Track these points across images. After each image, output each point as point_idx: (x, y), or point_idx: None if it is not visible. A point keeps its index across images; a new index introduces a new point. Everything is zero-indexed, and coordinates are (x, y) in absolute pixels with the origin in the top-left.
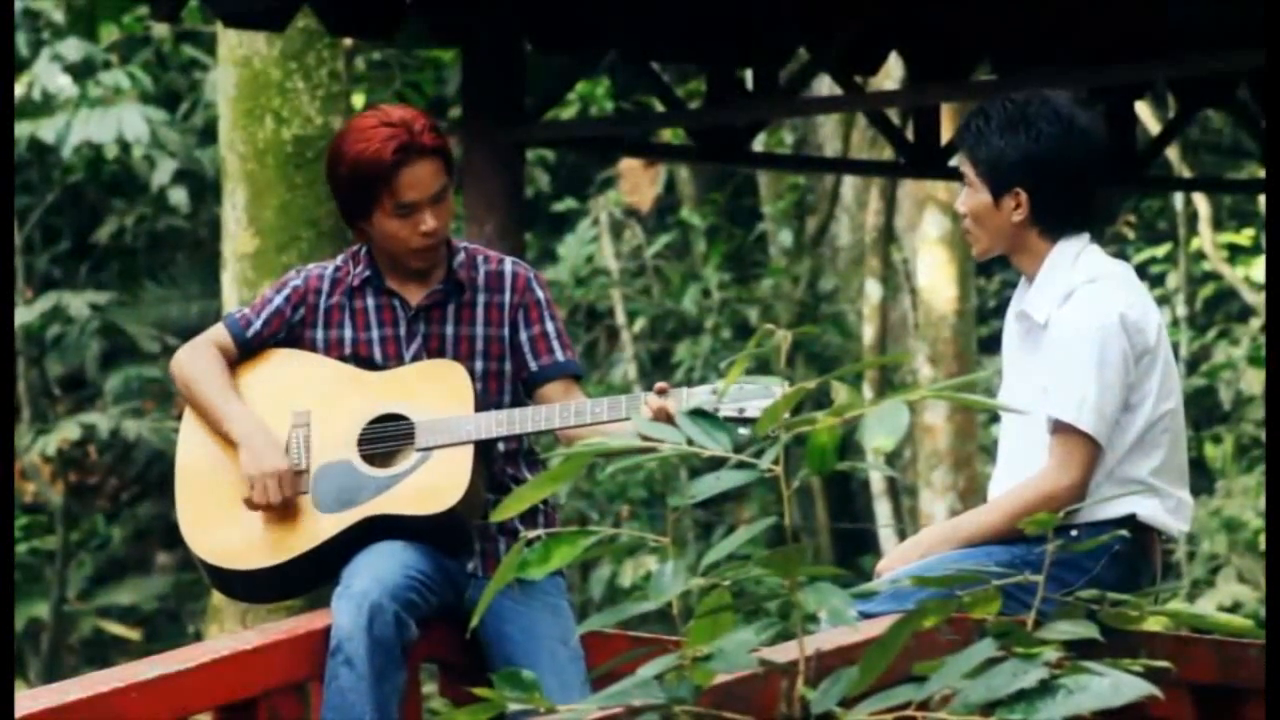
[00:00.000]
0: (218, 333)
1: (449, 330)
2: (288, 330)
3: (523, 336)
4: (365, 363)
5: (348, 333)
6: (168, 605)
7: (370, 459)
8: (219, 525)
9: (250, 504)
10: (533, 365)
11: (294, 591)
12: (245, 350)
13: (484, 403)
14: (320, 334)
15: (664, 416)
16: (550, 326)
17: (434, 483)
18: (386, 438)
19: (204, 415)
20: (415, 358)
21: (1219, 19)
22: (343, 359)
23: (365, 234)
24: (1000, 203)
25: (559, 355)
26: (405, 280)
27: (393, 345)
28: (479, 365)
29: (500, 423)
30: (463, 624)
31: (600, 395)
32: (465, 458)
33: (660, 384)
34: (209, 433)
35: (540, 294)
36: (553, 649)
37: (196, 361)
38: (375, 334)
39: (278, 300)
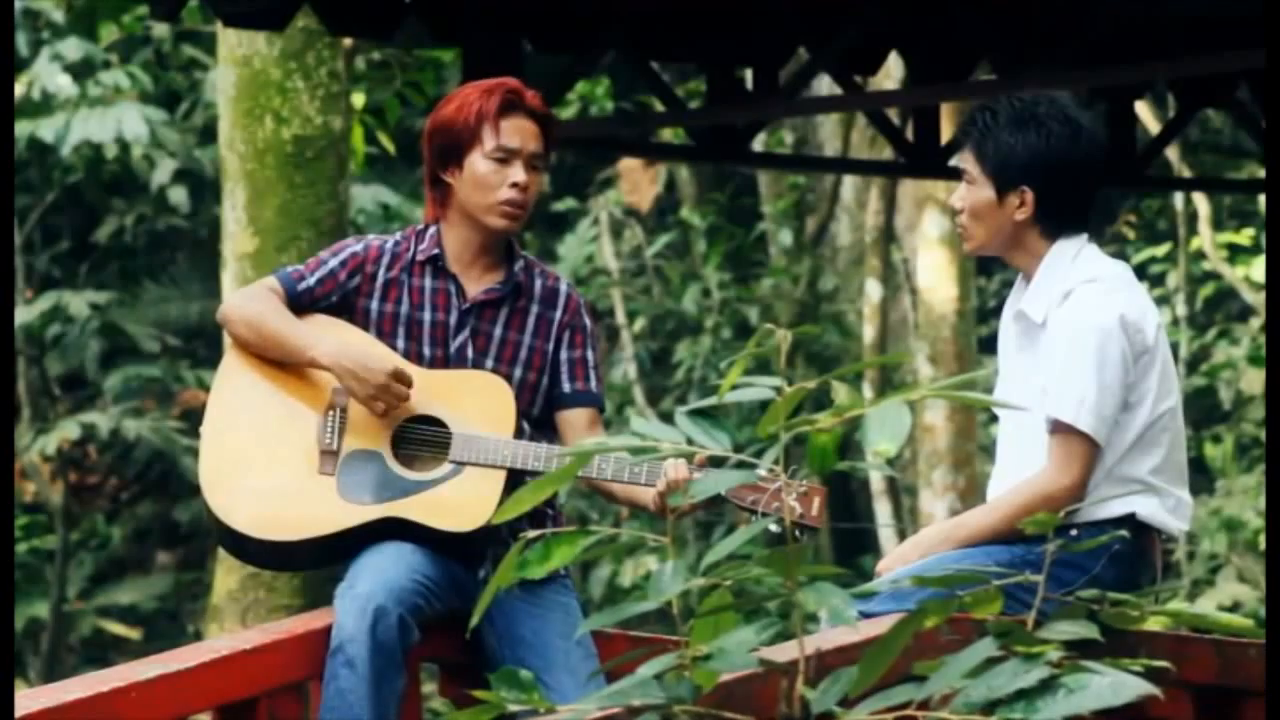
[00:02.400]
0: (269, 281)
1: (497, 331)
2: (341, 295)
3: (563, 356)
4: (413, 342)
5: (402, 309)
6: (167, 605)
7: (401, 458)
8: (243, 488)
9: (384, 413)
10: (565, 387)
11: (299, 567)
12: (295, 304)
13: (515, 412)
14: (375, 305)
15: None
16: (590, 355)
17: (461, 499)
18: (421, 440)
19: (277, 346)
20: (459, 350)
21: (1218, 18)
22: (393, 334)
23: (445, 195)
24: (1004, 200)
25: (592, 386)
26: (467, 268)
27: (441, 331)
28: (518, 373)
29: (538, 458)
30: (466, 626)
31: None
32: (496, 482)
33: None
34: (256, 380)
35: (588, 322)
36: (566, 649)
37: (256, 301)
38: (427, 316)
39: (333, 263)
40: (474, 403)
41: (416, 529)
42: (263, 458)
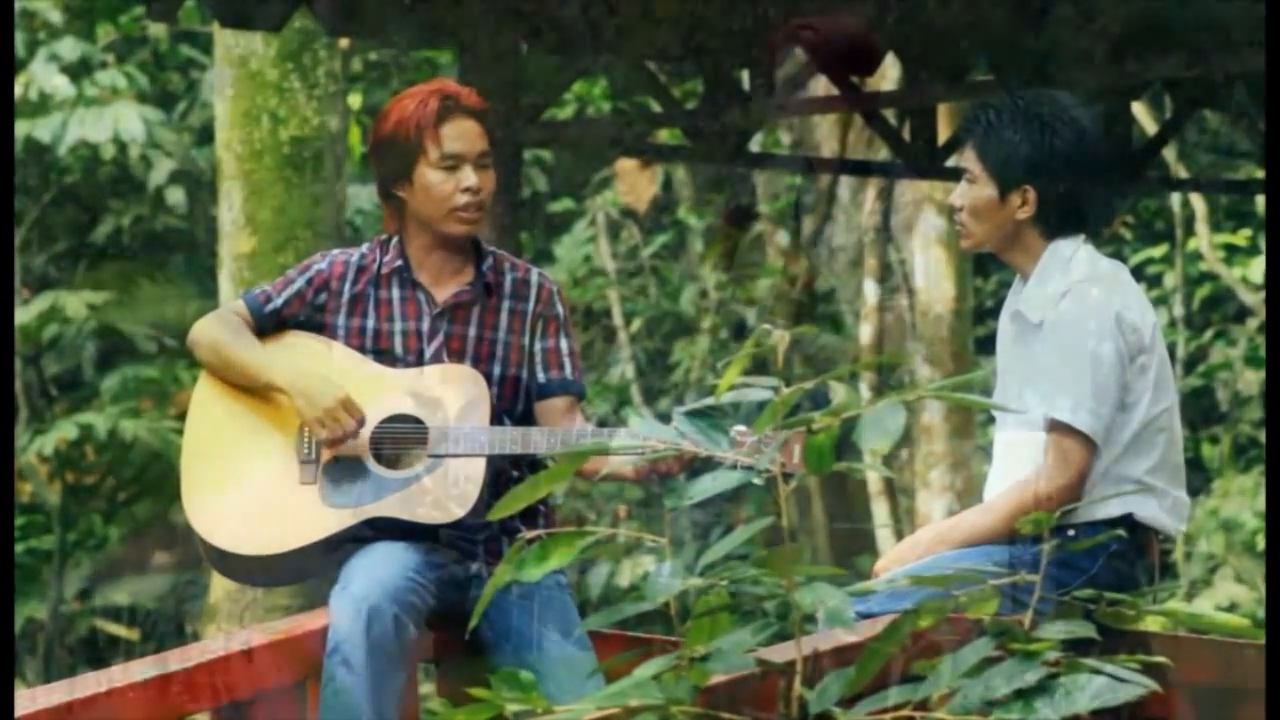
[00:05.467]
0: (236, 306)
1: (471, 332)
2: (309, 313)
3: (537, 347)
4: (385, 354)
5: (370, 322)
6: (165, 605)
7: (381, 458)
8: (225, 506)
9: (328, 442)
10: (540, 377)
11: (291, 579)
12: (262, 326)
13: (496, 408)
14: (342, 321)
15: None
16: (565, 344)
17: (444, 491)
18: (400, 439)
19: (238, 371)
20: (435, 355)
21: (1216, 20)
22: (362, 348)
23: (400, 207)
24: (1006, 198)
25: (568, 373)
26: (434, 274)
27: (414, 339)
28: (496, 370)
29: (515, 440)
30: (464, 624)
31: (596, 396)
32: (477, 471)
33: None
34: (230, 402)
35: (561, 310)
36: (562, 643)
37: (221, 325)
38: (398, 326)
39: (300, 282)
40: (448, 395)
41: (401, 526)
42: (243, 475)
